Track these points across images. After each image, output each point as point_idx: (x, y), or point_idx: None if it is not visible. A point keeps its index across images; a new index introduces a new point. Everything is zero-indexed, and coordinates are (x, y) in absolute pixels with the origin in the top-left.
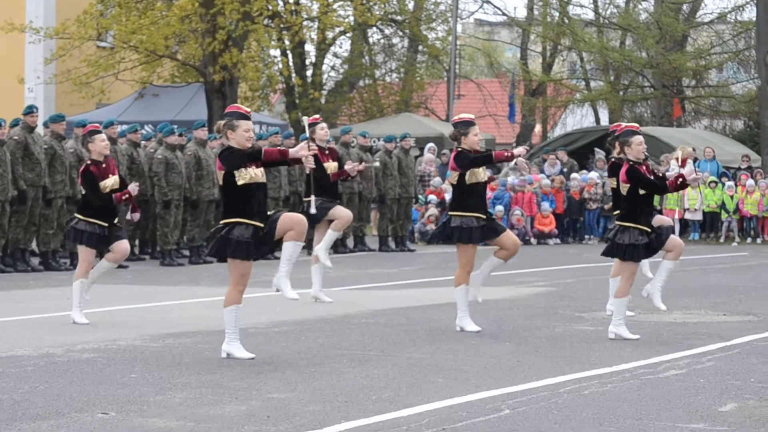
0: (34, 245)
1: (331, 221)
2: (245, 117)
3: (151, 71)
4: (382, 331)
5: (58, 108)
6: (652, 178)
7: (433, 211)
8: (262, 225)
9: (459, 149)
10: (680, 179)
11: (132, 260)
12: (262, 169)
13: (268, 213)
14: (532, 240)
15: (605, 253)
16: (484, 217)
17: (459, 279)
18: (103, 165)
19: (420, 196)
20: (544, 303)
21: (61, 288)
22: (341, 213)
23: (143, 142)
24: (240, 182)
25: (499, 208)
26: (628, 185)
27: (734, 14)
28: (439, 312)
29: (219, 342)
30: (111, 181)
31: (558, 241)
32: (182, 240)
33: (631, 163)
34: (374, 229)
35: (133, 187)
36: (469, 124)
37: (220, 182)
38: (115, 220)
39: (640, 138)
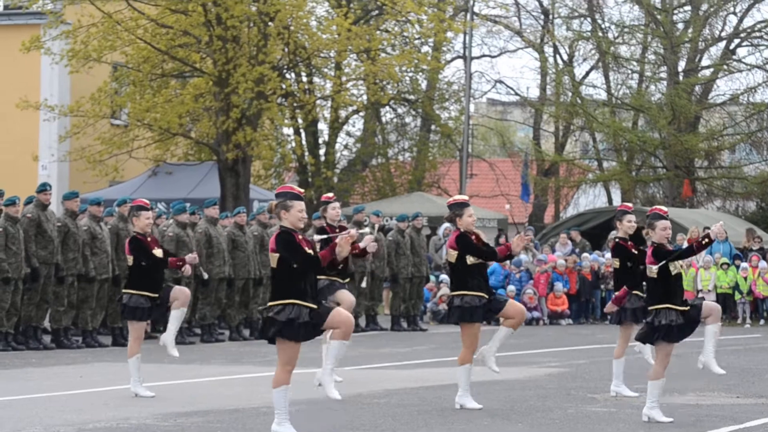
0: (46, 323)
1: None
2: (299, 198)
3: (164, 149)
4: (394, 411)
5: (72, 185)
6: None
7: (445, 290)
8: (316, 306)
9: (461, 232)
10: (706, 239)
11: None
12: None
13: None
14: (545, 320)
15: (640, 339)
16: (486, 296)
17: (463, 358)
18: (148, 239)
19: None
20: (557, 384)
21: (73, 366)
22: (345, 302)
23: (156, 220)
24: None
25: (511, 288)
26: (657, 266)
27: (746, 96)
28: (451, 392)
29: (231, 421)
30: (158, 253)
31: (570, 321)
32: (193, 318)
33: (656, 245)
34: (386, 308)
35: (192, 257)
36: (463, 205)
37: (273, 264)
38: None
39: (664, 223)
